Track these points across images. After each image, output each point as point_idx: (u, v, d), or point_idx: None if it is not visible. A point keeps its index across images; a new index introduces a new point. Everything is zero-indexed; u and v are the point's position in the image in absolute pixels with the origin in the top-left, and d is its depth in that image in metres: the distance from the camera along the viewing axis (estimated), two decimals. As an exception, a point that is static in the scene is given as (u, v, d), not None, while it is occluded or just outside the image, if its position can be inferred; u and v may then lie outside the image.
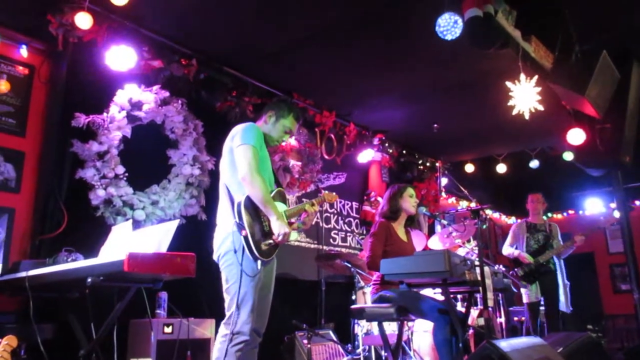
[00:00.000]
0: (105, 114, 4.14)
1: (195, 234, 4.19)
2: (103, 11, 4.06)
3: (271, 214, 2.73)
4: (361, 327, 4.66)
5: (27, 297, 2.78)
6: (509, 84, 4.29)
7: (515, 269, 5.67)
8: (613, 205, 8.76)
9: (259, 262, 2.67)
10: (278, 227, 2.71)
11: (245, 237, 2.62)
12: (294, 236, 2.93)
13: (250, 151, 2.75)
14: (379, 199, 5.38)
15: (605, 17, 4.56)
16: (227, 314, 2.70)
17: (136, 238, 2.80)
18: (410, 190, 4.01)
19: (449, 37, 3.77)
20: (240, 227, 2.63)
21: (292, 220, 3.00)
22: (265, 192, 2.72)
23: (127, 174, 4.15)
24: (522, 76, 4.29)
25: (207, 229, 3.42)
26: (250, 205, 2.70)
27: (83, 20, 3.79)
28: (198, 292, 4.17)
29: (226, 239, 2.74)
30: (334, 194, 3.44)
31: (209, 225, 3.29)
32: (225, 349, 2.59)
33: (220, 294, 2.78)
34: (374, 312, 3.62)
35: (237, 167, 2.75)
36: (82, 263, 2.70)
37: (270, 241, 2.71)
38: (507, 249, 5.82)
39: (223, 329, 2.69)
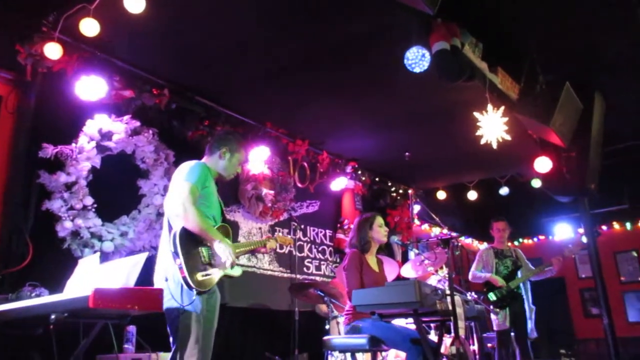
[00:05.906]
0: (74, 145, 4.09)
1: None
2: (73, 41, 4.04)
3: (212, 239, 2.76)
4: (335, 358, 4.61)
5: (-12, 334, 2.68)
6: (476, 114, 4.38)
7: (488, 294, 5.57)
8: (581, 230, 8.94)
9: (194, 291, 2.64)
10: (222, 250, 2.74)
11: (180, 266, 2.61)
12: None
13: (188, 188, 2.78)
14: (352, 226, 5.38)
15: (568, 50, 4.74)
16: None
17: (103, 271, 2.72)
18: (380, 220, 4.01)
19: (417, 70, 3.86)
20: (175, 255, 2.63)
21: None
22: (201, 220, 2.74)
23: (95, 205, 4.08)
24: (490, 107, 4.39)
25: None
26: (187, 235, 2.71)
27: (53, 51, 3.77)
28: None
29: (162, 269, 2.76)
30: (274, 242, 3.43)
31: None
32: None
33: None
34: (346, 343, 3.60)
35: (173, 203, 2.80)
36: (45, 299, 2.61)
37: (208, 272, 2.71)
38: (476, 274, 5.73)
39: None
